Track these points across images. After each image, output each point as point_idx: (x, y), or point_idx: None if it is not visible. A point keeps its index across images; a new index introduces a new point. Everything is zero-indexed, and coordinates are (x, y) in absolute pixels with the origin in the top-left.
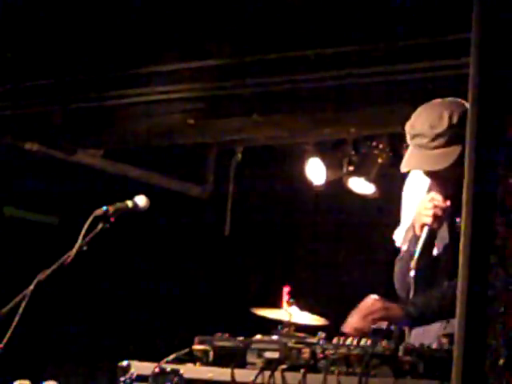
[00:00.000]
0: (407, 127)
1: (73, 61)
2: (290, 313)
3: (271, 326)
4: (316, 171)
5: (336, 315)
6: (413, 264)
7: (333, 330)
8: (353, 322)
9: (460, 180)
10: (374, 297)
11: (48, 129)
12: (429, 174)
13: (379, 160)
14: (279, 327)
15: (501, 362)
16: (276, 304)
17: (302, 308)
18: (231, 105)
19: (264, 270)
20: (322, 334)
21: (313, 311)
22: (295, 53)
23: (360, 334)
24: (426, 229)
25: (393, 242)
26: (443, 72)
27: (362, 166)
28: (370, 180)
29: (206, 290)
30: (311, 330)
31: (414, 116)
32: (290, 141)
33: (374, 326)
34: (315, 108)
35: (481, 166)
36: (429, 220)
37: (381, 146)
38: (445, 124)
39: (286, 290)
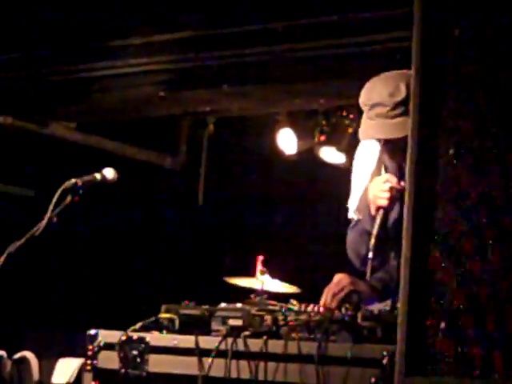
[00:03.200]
0: (363, 98)
1: (45, 34)
2: (262, 281)
3: (244, 294)
4: (288, 141)
5: (308, 283)
6: (371, 246)
7: (305, 297)
8: (324, 301)
9: None
10: (341, 274)
11: (21, 102)
12: (388, 143)
13: (350, 130)
14: (252, 295)
15: (442, 325)
16: (249, 273)
17: (274, 277)
18: (201, 76)
19: (237, 239)
20: (293, 302)
21: (285, 280)
22: (265, 25)
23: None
24: (381, 211)
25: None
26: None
27: (333, 136)
28: (340, 150)
29: (179, 259)
30: (284, 297)
31: (367, 88)
32: (261, 111)
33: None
34: (285, 79)
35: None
36: (385, 202)
37: (351, 116)
38: (403, 93)
39: (260, 258)
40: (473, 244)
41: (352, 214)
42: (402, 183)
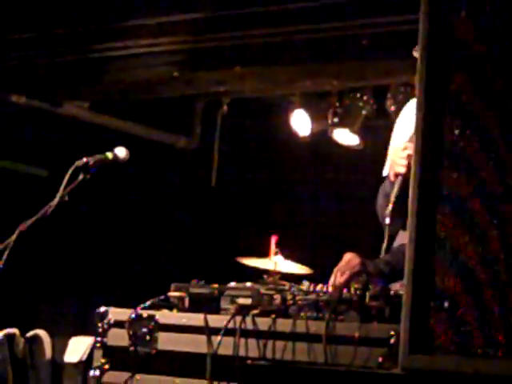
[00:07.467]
0: None
1: (59, 14)
2: (275, 262)
3: (257, 275)
4: (301, 123)
5: (321, 264)
6: (387, 212)
7: (317, 278)
8: (334, 280)
9: None
10: (351, 254)
11: (34, 81)
12: None
13: (363, 112)
14: (265, 276)
15: (446, 304)
16: (263, 254)
17: (287, 257)
18: (214, 57)
19: (250, 220)
20: (306, 282)
21: (298, 260)
22: (279, 6)
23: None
24: (399, 178)
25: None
26: None
27: (347, 118)
28: (354, 131)
29: (193, 240)
30: (297, 278)
31: None
32: (275, 93)
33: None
34: (298, 60)
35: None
36: (402, 170)
37: (365, 98)
38: None
39: (273, 239)
40: (478, 225)
41: (385, 171)
42: None
